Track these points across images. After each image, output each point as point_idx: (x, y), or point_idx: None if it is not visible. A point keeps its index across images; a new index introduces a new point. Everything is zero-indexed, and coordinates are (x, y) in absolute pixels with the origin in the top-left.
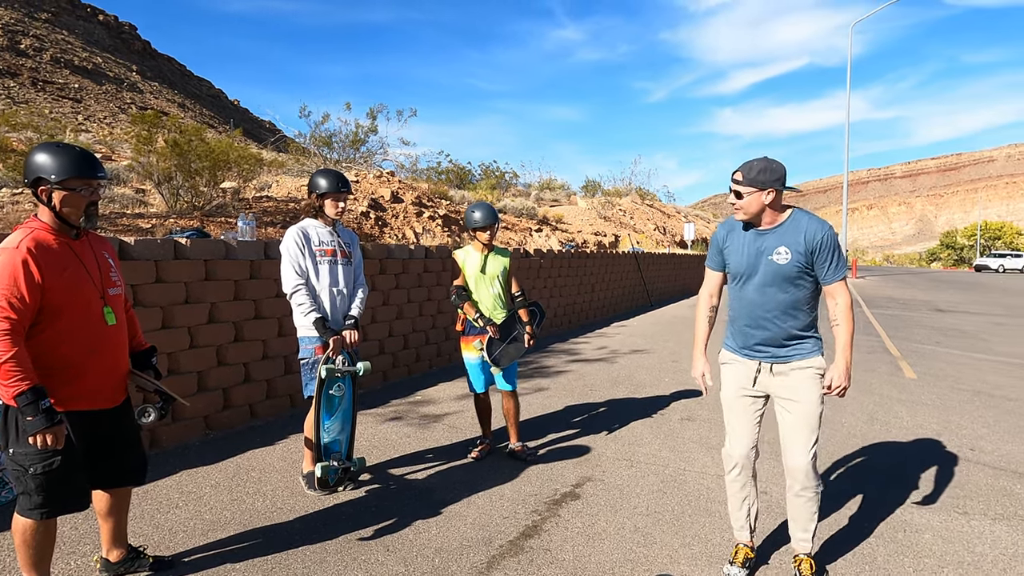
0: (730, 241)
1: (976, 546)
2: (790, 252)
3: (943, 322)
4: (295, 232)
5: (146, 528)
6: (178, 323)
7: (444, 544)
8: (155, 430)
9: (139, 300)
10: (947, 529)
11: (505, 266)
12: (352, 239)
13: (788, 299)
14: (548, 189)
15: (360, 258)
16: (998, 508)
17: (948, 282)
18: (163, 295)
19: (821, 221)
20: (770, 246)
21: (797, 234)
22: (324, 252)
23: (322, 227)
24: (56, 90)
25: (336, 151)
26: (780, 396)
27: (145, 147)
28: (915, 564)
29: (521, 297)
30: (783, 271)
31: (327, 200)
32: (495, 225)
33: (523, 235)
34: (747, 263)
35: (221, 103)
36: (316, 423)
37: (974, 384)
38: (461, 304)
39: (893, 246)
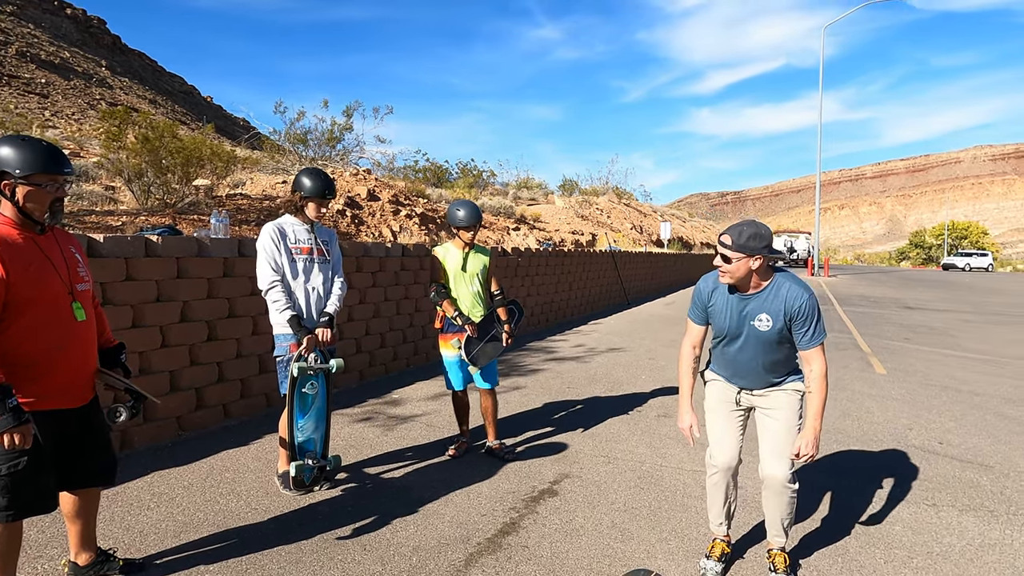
0: (715, 299)
1: (944, 537)
2: (771, 320)
3: (912, 319)
4: (271, 229)
5: (116, 530)
6: (149, 322)
7: (422, 542)
8: (126, 430)
9: (108, 298)
10: (916, 521)
11: (485, 264)
12: (331, 237)
13: (769, 360)
14: (526, 188)
15: (339, 255)
16: (965, 500)
17: (917, 280)
18: (133, 293)
19: (802, 288)
20: (753, 311)
21: (778, 302)
22: (300, 250)
23: (300, 225)
24: (22, 85)
25: (312, 148)
26: (761, 407)
27: (115, 143)
28: (886, 556)
29: (500, 295)
30: (765, 336)
31: (310, 203)
32: (478, 224)
33: (501, 234)
34: (730, 325)
35: (194, 100)
36: (289, 422)
37: (942, 380)
38: (440, 302)
39: (864, 245)
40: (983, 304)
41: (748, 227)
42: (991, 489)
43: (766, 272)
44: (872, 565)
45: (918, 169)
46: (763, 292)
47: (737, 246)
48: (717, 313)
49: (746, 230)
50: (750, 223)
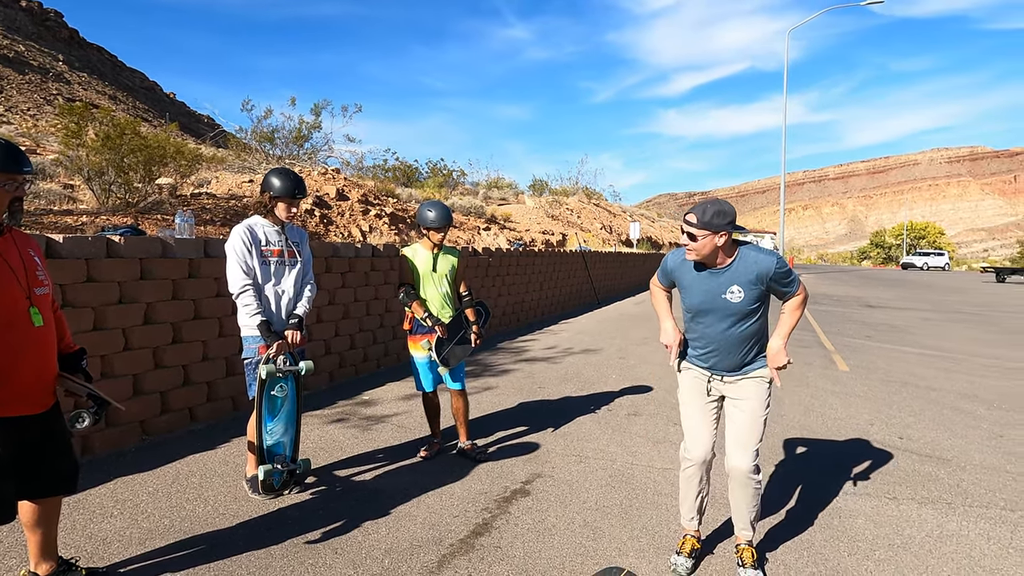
0: (681, 273)
1: (904, 529)
2: (743, 291)
3: (874, 317)
4: (242, 231)
5: (78, 539)
6: (111, 324)
7: (394, 545)
8: (87, 436)
9: (68, 301)
10: (878, 514)
11: (454, 265)
12: (301, 237)
13: (742, 333)
14: (496, 188)
15: (309, 256)
16: (924, 493)
17: (877, 279)
18: (95, 295)
19: (768, 254)
20: (723, 285)
21: (750, 272)
22: (271, 252)
23: (270, 226)
24: None
25: (279, 147)
26: (731, 396)
27: (74, 140)
28: (849, 548)
29: (468, 297)
30: (737, 308)
31: (280, 203)
32: (448, 226)
33: (471, 234)
34: (702, 301)
35: (156, 96)
36: (258, 425)
37: (902, 376)
38: (409, 303)
39: (827, 245)
40: (941, 303)
41: (712, 205)
42: (948, 482)
43: (731, 248)
44: (836, 558)
45: (878, 171)
46: (731, 266)
47: (702, 224)
48: (686, 289)
49: (710, 208)
50: (714, 201)
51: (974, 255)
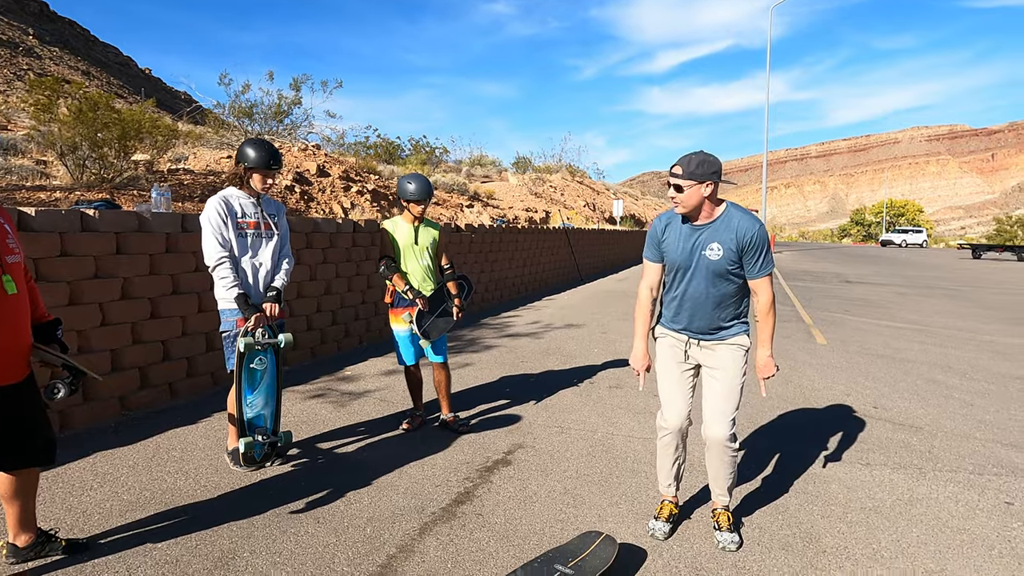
0: (668, 234)
1: (876, 493)
2: (722, 249)
3: (852, 293)
4: (217, 202)
5: (58, 511)
6: (87, 299)
7: (376, 513)
8: (66, 410)
9: (43, 275)
10: (851, 479)
11: (435, 238)
12: (278, 209)
13: (719, 293)
14: (479, 165)
15: (286, 228)
16: (896, 459)
17: (857, 256)
18: (70, 270)
19: (753, 219)
20: (704, 241)
21: (729, 232)
22: (247, 224)
23: (246, 198)
24: None
25: (258, 123)
26: (707, 365)
27: (46, 115)
28: (823, 512)
29: (450, 270)
30: (715, 267)
31: (255, 174)
32: (429, 198)
33: (454, 211)
34: (682, 257)
35: (130, 71)
36: (238, 398)
37: (878, 348)
38: (390, 276)
39: (808, 223)
40: (918, 278)
41: (697, 155)
42: (920, 448)
43: (717, 202)
44: (810, 521)
45: (859, 149)
46: (715, 223)
47: (688, 174)
48: (670, 246)
49: (695, 158)
50: (699, 152)
51: (952, 233)
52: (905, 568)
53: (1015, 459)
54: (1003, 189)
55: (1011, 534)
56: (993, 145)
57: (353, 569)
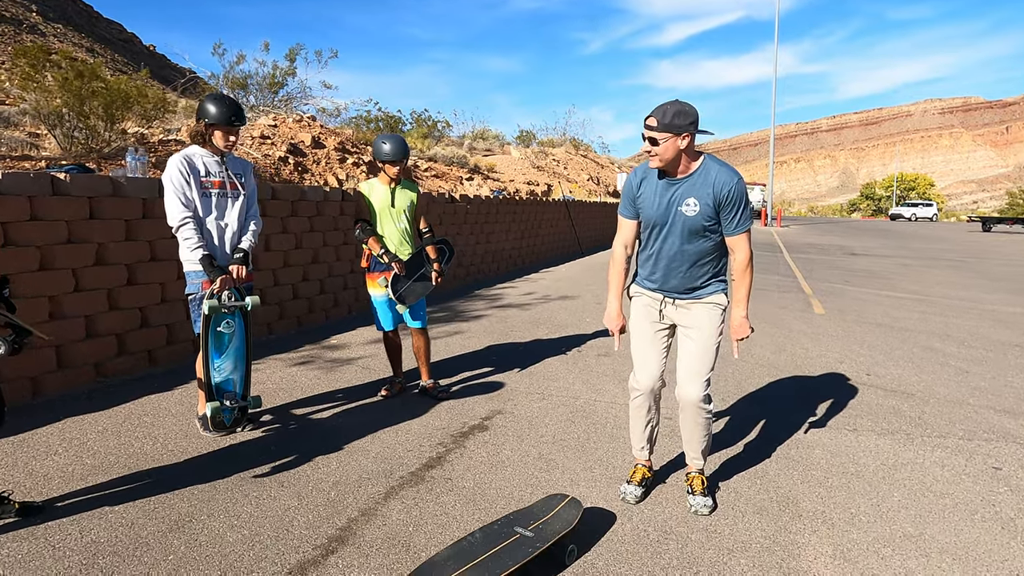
0: (644, 189)
1: (860, 458)
2: (699, 204)
3: (855, 264)
4: (178, 161)
5: (18, 475)
6: (60, 264)
7: (342, 478)
8: (39, 377)
9: (11, 239)
10: (836, 445)
11: (413, 201)
12: (245, 168)
13: (695, 250)
14: (481, 139)
15: (254, 187)
16: (884, 424)
17: (864, 230)
18: (40, 234)
19: (731, 172)
20: (681, 196)
21: (706, 186)
22: (212, 184)
23: (209, 156)
24: None
25: (253, 94)
26: (682, 325)
27: (31, 83)
28: (803, 476)
29: (429, 234)
30: (691, 223)
31: (217, 131)
32: (405, 159)
33: (454, 183)
34: (657, 213)
35: (134, 48)
36: (205, 362)
37: (876, 318)
38: (365, 239)
39: (818, 198)
40: (924, 250)
41: (672, 106)
42: (910, 415)
43: (695, 154)
44: (788, 485)
45: (871, 122)
46: (692, 176)
47: (663, 126)
48: (646, 201)
49: (670, 109)
50: (674, 102)
51: (964, 207)
52: (882, 532)
53: (1007, 424)
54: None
55: (996, 499)
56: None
57: (311, 532)
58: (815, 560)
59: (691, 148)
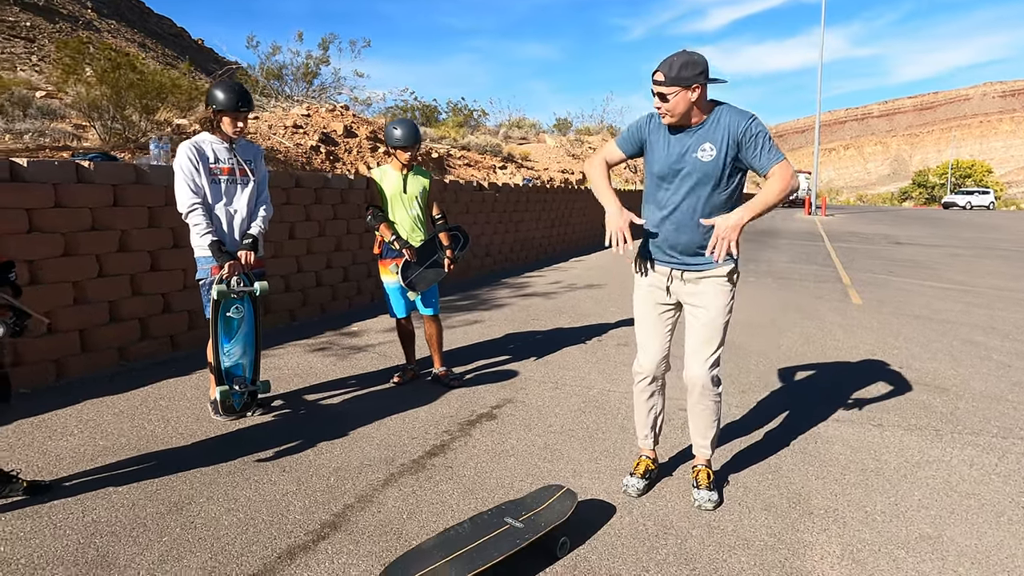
0: (656, 136)
1: (883, 454)
2: (715, 148)
3: (900, 254)
4: (188, 148)
5: (32, 455)
6: (84, 251)
7: (344, 464)
8: (62, 359)
9: (36, 225)
10: (858, 440)
11: (425, 187)
12: (255, 154)
13: (708, 202)
14: (517, 127)
15: (265, 173)
16: (913, 420)
17: (914, 219)
18: (65, 221)
19: (744, 113)
20: (696, 143)
21: (721, 129)
22: (221, 170)
23: (219, 143)
24: (7, 28)
25: (288, 85)
26: (688, 303)
27: (72, 76)
28: (818, 472)
29: (442, 220)
30: (707, 168)
31: (225, 117)
32: (417, 145)
33: (487, 172)
34: (670, 163)
35: (184, 43)
36: (215, 346)
37: (917, 309)
38: (377, 225)
39: (868, 186)
40: (976, 240)
41: (679, 57)
42: (942, 410)
43: (707, 105)
44: (801, 480)
45: (926, 107)
46: (705, 124)
47: (671, 80)
48: (656, 150)
49: (677, 61)
50: (681, 53)
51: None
52: (897, 532)
53: None
54: None
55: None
56: None
57: (306, 517)
58: (821, 560)
59: (703, 99)
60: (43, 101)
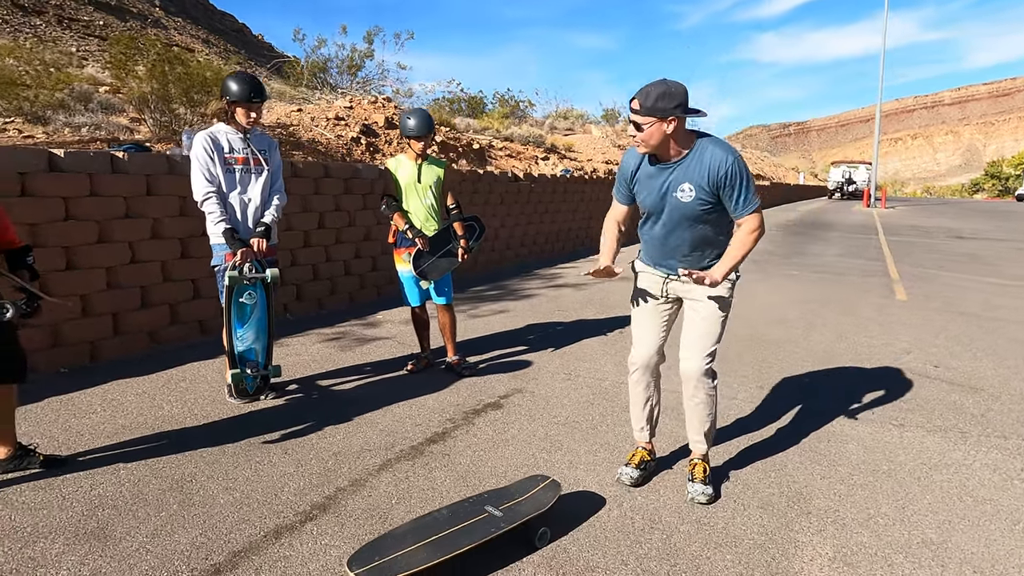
0: (639, 173)
1: (898, 455)
2: (694, 189)
3: (960, 248)
4: (204, 138)
5: (55, 431)
6: (117, 238)
7: (344, 448)
8: (96, 342)
9: (72, 213)
10: (874, 440)
11: (439, 177)
12: (270, 145)
13: (695, 236)
14: (563, 118)
15: (279, 163)
16: (938, 421)
17: (981, 212)
18: (99, 209)
19: (726, 151)
20: (675, 182)
21: (701, 168)
22: (235, 160)
23: (233, 133)
24: (81, 27)
25: (332, 77)
26: (688, 298)
27: (123, 71)
28: (825, 471)
29: (456, 210)
30: (687, 209)
31: (238, 108)
32: (430, 135)
33: (528, 163)
34: (653, 201)
35: (245, 38)
36: (228, 331)
37: (966, 306)
38: (391, 214)
39: (937, 177)
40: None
41: (656, 87)
42: (973, 411)
43: (686, 136)
44: (805, 480)
45: (1002, 94)
46: (685, 160)
47: (647, 110)
48: (642, 188)
49: (653, 91)
50: (659, 83)
51: None
52: (898, 536)
53: None
54: None
55: None
56: None
57: (298, 499)
58: (811, 561)
59: (680, 131)
60: (104, 96)
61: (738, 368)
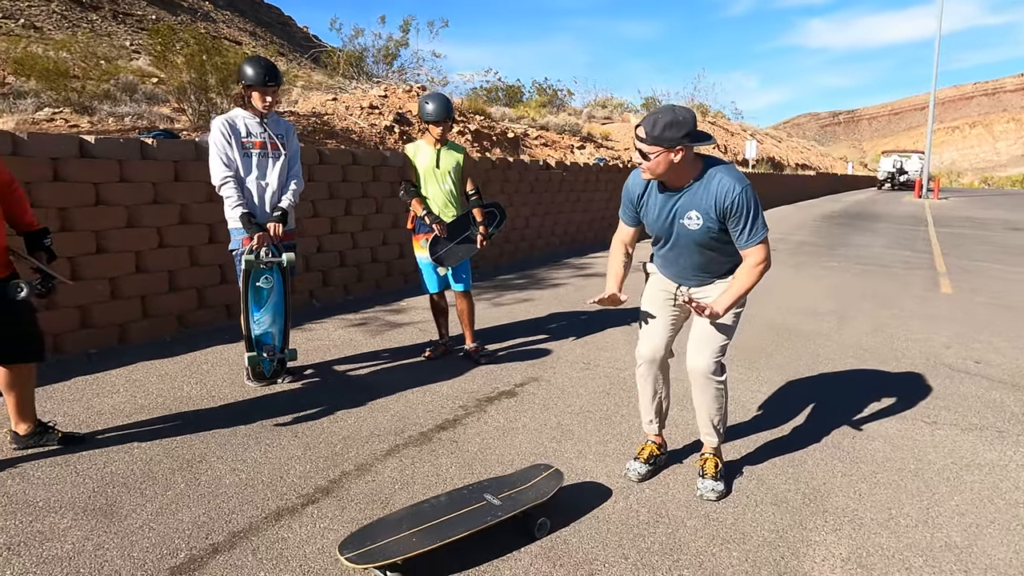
0: (646, 197)
1: (927, 454)
2: (701, 217)
3: (1015, 241)
4: (221, 123)
5: (77, 409)
6: (146, 223)
7: (353, 432)
8: (125, 325)
9: (102, 199)
10: (902, 437)
11: (459, 162)
12: (287, 129)
13: (704, 260)
14: (602, 107)
15: (296, 148)
16: (974, 419)
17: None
18: (128, 195)
19: (734, 180)
20: (682, 208)
21: (708, 197)
22: (253, 144)
23: (251, 118)
24: (135, 22)
25: (368, 66)
26: (700, 295)
27: (163, 62)
28: (847, 469)
29: (476, 196)
30: (696, 236)
31: (254, 92)
32: (448, 120)
33: (563, 152)
34: (661, 226)
35: (290, 30)
36: (245, 315)
37: (1015, 300)
38: (409, 200)
39: (996, 168)
40: None
41: (663, 115)
42: (1013, 409)
43: (694, 163)
44: (824, 477)
45: None
46: (693, 187)
47: (652, 139)
48: (648, 212)
49: (661, 119)
50: (667, 110)
51: None
52: (920, 539)
53: None
54: None
55: None
56: None
57: (302, 481)
58: (822, 562)
59: (686, 161)
60: (148, 87)
61: (765, 360)
